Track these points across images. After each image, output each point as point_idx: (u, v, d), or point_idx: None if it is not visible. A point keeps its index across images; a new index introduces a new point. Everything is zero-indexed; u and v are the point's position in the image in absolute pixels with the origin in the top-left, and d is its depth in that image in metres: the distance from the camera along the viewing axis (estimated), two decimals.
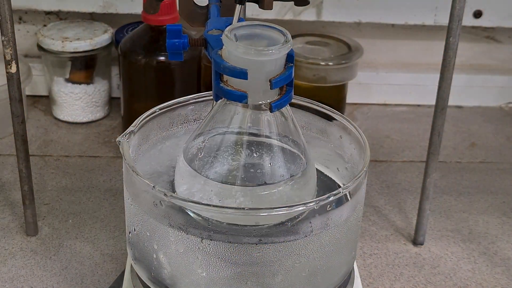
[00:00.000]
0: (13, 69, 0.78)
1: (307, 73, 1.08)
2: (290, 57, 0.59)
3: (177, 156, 0.66)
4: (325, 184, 0.69)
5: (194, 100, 0.71)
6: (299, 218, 0.61)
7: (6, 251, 0.86)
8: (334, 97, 1.13)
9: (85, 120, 1.13)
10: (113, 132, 1.11)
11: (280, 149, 0.62)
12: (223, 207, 0.59)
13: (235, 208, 0.59)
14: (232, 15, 0.65)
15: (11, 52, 0.77)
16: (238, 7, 0.65)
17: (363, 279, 0.84)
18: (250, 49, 0.56)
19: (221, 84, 0.59)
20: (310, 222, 0.60)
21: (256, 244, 0.59)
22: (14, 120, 0.81)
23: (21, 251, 0.86)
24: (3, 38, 0.77)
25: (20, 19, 1.17)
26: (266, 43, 0.58)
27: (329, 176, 0.71)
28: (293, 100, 0.61)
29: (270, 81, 0.58)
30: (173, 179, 0.65)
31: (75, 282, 0.82)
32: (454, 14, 0.78)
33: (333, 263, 0.63)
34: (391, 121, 1.19)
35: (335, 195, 0.58)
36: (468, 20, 1.15)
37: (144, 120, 0.67)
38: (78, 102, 1.11)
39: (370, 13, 1.15)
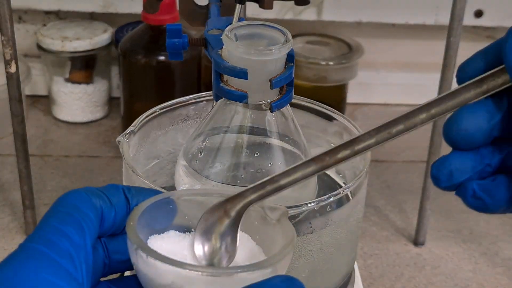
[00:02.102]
0: (13, 69, 0.78)
1: (307, 73, 1.08)
2: (290, 57, 0.59)
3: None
4: (326, 184, 0.69)
5: (194, 100, 0.71)
6: (299, 218, 0.61)
7: (5, 251, 0.85)
8: (334, 97, 1.12)
9: (85, 120, 1.13)
10: (113, 132, 1.11)
11: (281, 149, 0.62)
12: None
13: None
14: (232, 15, 0.65)
15: (10, 51, 0.77)
16: (238, 6, 0.65)
17: (364, 280, 0.84)
18: (251, 49, 0.56)
19: (221, 84, 0.59)
20: (310, 223, 0.60)
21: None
22: (13, 120, 0.81)
23: None
24: (2, 37, 0.77)
25: (19, 18, 1.16)
26: (266, 42, 0.58)
27: (330, 175, 0.71)
28: (293, 100, 0.61)
29: (270, 81, 0.57)
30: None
31: None
32: (455, 14, 0.78)
33: (334, 263, 0.63)
34: None
35: (335, 195, 0.58)
36: (469, 19, 1.15)
37: (144, 120, 0.67)
38: (78, 102, 1.11)
39: (371, 13, 1.15)
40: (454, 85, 0.83)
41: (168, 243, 0.41)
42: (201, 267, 0.37)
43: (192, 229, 0.42)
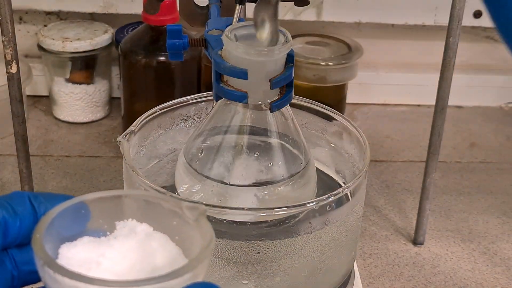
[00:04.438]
0: (14, 69, 0.78)
1: (307, 73, 1.08)
2: (290, 57, 0.59)
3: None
4: (326, 184, 0.69)
5: (194, 100, 0.72)
6: (299, 218, 0.61)
7: None
8: (334, 97, 1.13)
9: (85, 120, 1.13)
10: (114, 132, 1.11)
11: (280, 149, 0.62)
12: (223, 207, 0.59)
13: (235, 208, 0.59)
14: (232, 15, 0.65)
15: (11, 52, 0.77)
16: (238, 7, 0.65)
17: (363, 279, 0.84)
18: (250, 49, 0.56)
19: (221, 84, 0.59)
20: (310, 222, 0.60)
21: (256, 244, 0.59)
22: (14, 120, 0.81)
23: None
24: (3, 38, 0.77)
25: (20, 19, 1.17)
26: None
27: (330, 175, 0.71)
28: (293, 100, 0.62)
29: (270, 81, 0.58)
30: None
31: None
32: (454, 14, 0.78)
33: (333, 263, 0.63)
34: (391, 121, 1.19)
35: (335, 195, 0.59)
36: (468, 20, 1.15)
37: (145, 120, 0.67)
38: (79, 102, 1.11)
39: (370, 13, 1.15)
40: (453, 85, 0.84)
41: (81, 251, 0.39)
42: (112, 282, 0.36)
43: (108, 233, 0.41)
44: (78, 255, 0.39)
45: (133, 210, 0.41)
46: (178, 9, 0.93)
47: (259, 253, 0.59)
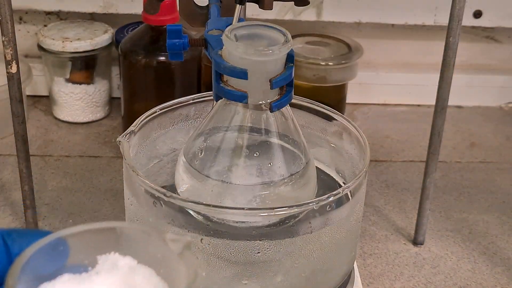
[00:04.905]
0: (14, 69, 0.78)
1: (307, 73, 1.08)
2: (290, 57, 0.59)
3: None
4: (326, 184, 0.69)
5: (194, 100, 0.72)
6: (299, 218, 0.61)
7: None
8: (334, 97, 1.13)
9: (85, 120, 1.13)
10: (114, 132, 1.11)
11: (280, 149, 0.62)
12: (223, 207, 0.59)
13: (235, 208, 0.59)
14: (232, 15, 0.65)
15: (11, 52, 0.77)
16: (238, 7, 0.65)
17: (363, 279, 0.84)
18: (250, 49, 0.56)
19: (221, 84, 0.59)
20: (310, 222, 0.60)
21: (256, 244, 0.59)
22: (14, 120, 0.81)
23: None
24: (3, 38, 0.77)
25: (20, 19, 1.17)
26: (266, 43, 0.58)
27: (330, 175, 0.71)
28: (293, 100, 0.62)
29: (270, 81, 0.58)
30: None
31: None
32: (454, 14, 0.78)
33: (333, 263, 0.63)
34: (391, 121, 1.19)
35: (335, 195, 0.59)
36: (468, 20, 1.15)
37: (145, 120, 0.67)
38: (79, 102, 1.11)
39: (370, 13, 1.15)
40: (453, 85, 0.84)
41: None
42: None
43: (89, 268, 0.39)
44: None
45: (115, 243, 0.40)
46: (178, 9, 0.93)
47: (259, 253, 0.59)
